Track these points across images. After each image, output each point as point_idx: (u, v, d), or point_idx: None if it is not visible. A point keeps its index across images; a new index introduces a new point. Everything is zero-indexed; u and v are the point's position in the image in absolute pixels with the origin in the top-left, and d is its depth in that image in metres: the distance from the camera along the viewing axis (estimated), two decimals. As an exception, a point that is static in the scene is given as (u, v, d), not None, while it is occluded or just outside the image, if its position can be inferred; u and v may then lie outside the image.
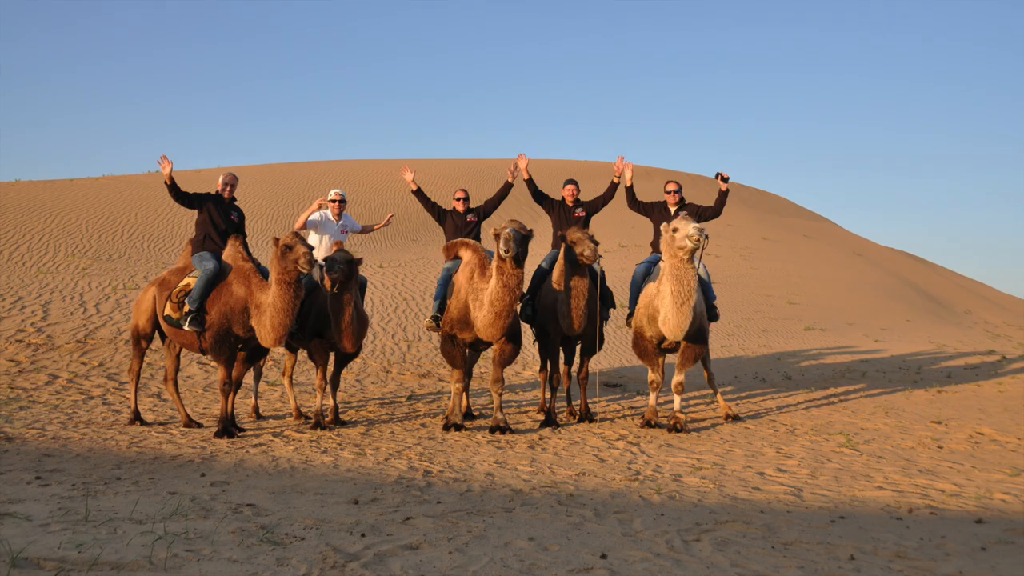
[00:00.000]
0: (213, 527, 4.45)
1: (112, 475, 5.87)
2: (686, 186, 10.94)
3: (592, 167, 45.13)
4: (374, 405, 9.84)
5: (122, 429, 7.83)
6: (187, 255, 8.47)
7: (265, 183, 33.87)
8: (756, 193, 52.11)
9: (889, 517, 5.14)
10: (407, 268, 20.79)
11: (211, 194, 8.59)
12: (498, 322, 7.90)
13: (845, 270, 30.86)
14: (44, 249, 18.92)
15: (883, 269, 33.81)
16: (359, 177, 38.06)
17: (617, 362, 13.99)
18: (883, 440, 7.97)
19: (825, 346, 16.75)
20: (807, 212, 51.89)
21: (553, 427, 8.56)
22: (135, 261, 19.24)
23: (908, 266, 38.27)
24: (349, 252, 8.20)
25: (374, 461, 6.71)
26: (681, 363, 8.48)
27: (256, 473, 6.14)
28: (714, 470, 6.54)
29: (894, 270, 34.69)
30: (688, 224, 7.77)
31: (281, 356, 11.21)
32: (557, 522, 4.86)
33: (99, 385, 9.90)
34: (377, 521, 4.76)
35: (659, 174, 44.36)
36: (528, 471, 6.42)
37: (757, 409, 9.85)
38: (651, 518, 5.00)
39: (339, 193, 9.28)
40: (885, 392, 11.09)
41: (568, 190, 9.46)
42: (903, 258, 41.34)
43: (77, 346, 11.28)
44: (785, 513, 5.21)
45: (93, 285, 14.89)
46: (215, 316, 7.85)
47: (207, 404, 9.51)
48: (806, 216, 49.52)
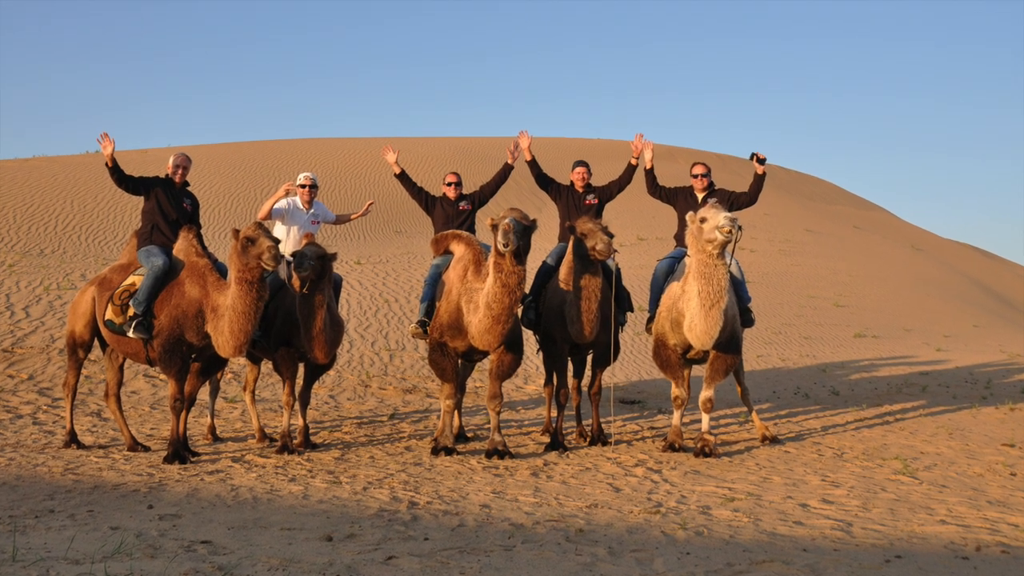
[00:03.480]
0: (162, 568, 4.46)
1: (44, 507, 5.87)
2: (716, 169, 10.92)
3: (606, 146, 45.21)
4: (351, 425, 9.85)
5: (56, 453, 7.83)
6: (132, 249, 8.47)
7: (223, 165, 33.91)
8: (798, 177, 52.16)
9: (954, 556, 5.14)
10: (389, 265, 20.82)
11: (160, 178, 8.58)
12: (495, 328, 7.90)
13: (902, 267, 30.89)
14: (-36, 242, 18.94)
15: (946, 266, 33.85)
16: (333, 158, 38.11)
17: (635, 375, 14.00)
18: (946, 466, 7.97)
19: (878, 356, 16.76)
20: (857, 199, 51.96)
21: (560, 451, 8.56)
22: (71, 256, 19.26)
23: (976, 262, 38.31)
24: (321, 246, 8.19)
25: (351, 491, 6.71)
26: (710, 376, 8.47)
27: (213, 505, 6.14)
28: (749, 501, 6.54)
29: (959, 267, 34.73)
30: (718, 213, 7.76)
31: (242, 368, 11.21)
32: (565, 562, 4.87)
33: (29, 402, 9.91)
34: (354, 561, 4.76)
35: (684, 155, 44.40)
36: (531, 502, 6.42)
37: (799, 430, 9.86)
38: (675, 558, 5.00)
39: (309, 177, 9.28)
40: (948, 410, 11.09)
41: (577, 173, 9.47)
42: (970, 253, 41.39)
43: (3, 356, 11.29)
44: (832, 552, 5.21)
45: (22, 285, 14.90)
46: (164, 321, 7.85)
47: (155, 424, 9.51)
48: (856, 204, 49.59)
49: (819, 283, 25.62)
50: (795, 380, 13.97)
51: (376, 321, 15.20)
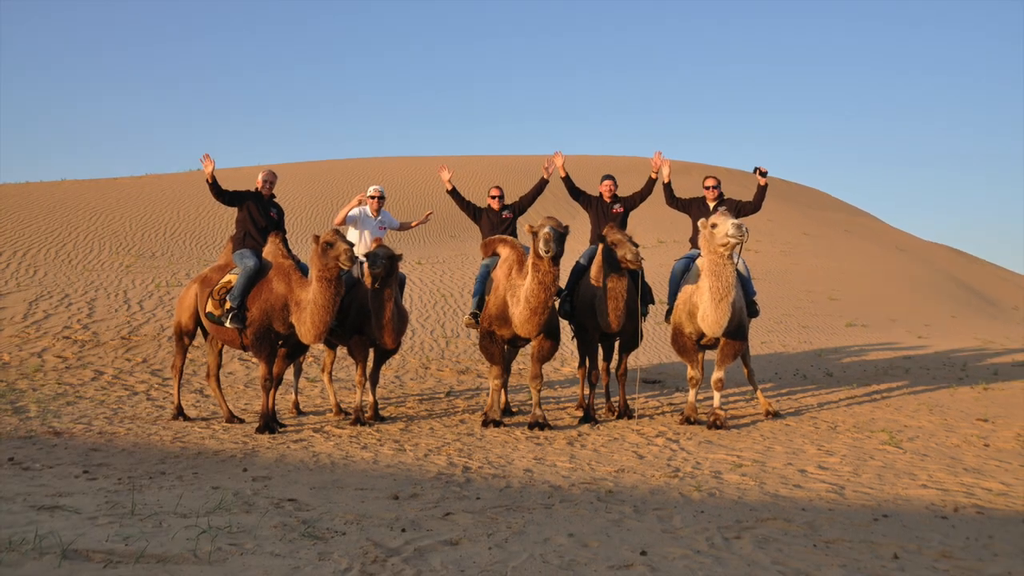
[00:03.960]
0: (256, 521, 4.51)
1: (157, 470, 5.97)
2: (725, 181, 10.83)
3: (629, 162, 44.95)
4: (413, 401, 9.90)
5: (166, 424, 7.96)
6: (228, 252, 8.57)
7: (304, 180, 34.18)
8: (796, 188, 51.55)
9: (934, 516, 5.08)
10: (445, 264, 20.87)
11: (251, 192, 8.68)
12: (533, 319, 7.91)
13: (887, 265, 30.43)
14: (89, 247, 19.27)
15: (927, 264, 33.30)
16: (398, 174, 38.26)
17: (656, 358, 13.93)
18: (927, 438, 7.86)
19: (867, 342, 16.54)
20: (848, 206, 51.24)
21: (592, 423, 8.55)
22: (177, 258, 19.52)
23: (953, 261, 37.65)
24: (390, 248, 8.24)
25: (413, 457, 6.75)
26: (720, 359, 8.43)
27: (297, 468, 6.21)
28: (754, 467, 6.50)
29: (938, 265, 34.15)
30: (727, 220, 7.72)
31: (321, 352, 11.30)
32: (596, 519, 4.87)
33: (143, 381, 10.06)
34: (417, 516, 4.79)
35: (697, 169, 43.98)
36: (567, 467, 6.42)
37: (798, 406, 9.76)
38: (691, 515, 4.99)
39: (378, 189, 9.34)
40: (929, 389, 10.93)
41: (606, 186, 9.45)
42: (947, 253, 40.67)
43: (121, 342, 11.47)
44: (827, 511, 5.16)
45: (137, 282, 15.14)
46: (256, 313, 7.94)
47: (248, 400, 9.62)
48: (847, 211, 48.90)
49: (815, 279, 25.33)
50: (794, 363, 13.83)
51: (434, 313, 15.25)
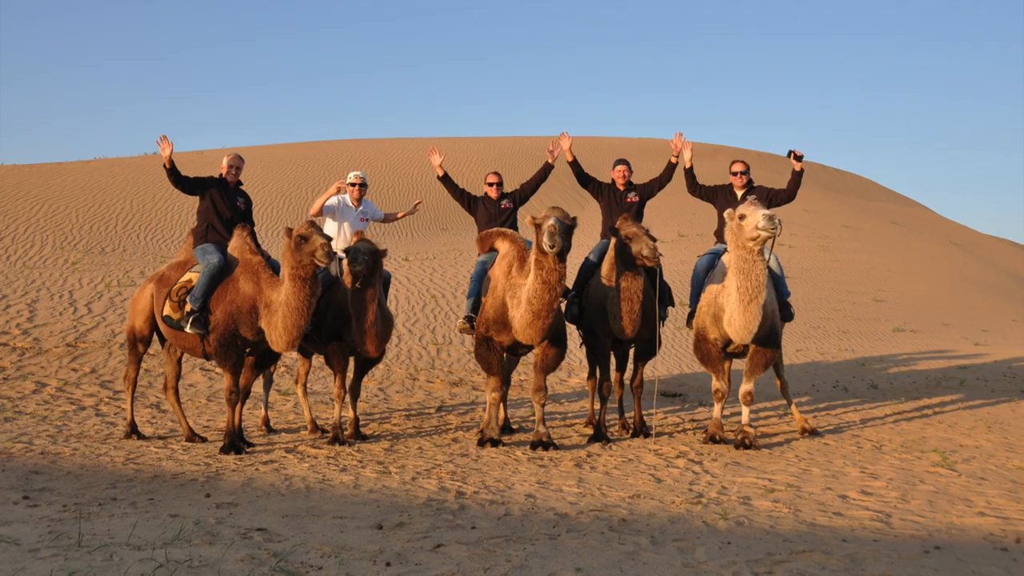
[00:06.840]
0: (220, 554, 4.52)
1: (107, 495, 5.96)
2: (754, 166, 10.84)
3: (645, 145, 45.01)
4: (399, 417, 9.90)
5: (117, 443, 7.95)
6: (188, 248, 8.56)
7: (275, 165, 34.19)
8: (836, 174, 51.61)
9: (992, 548, 5.08)
10: (436, 261, 20.88)
11: (215, 178, 8.67)
12: (536, 323, 7.89)
13: (940, 262, 30.47)
14: (30, 241, 19.26)
15: (985, 261, 33.33)
16: (381, 158, 38.28)
17: (676, 368, 13.94)
18: (985, 459, 7.86)
19: (917, 350, 16.56)
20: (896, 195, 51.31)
21: (603, 442, 8.55)
22: (131, 254, 19.53)
23: (1014, 257, 37.69)
24: (372, 242, 8.21)
25: (400, 481, 6.75)
26: (750, 370, 8.43)
27: (267, 494, 6.21)
28: (788, 492, 6.50)
29: (998, 262, 34.19)
30: (757, 211, 7.70)
31: (294, 362, 11.31)
32: (608, 551, 4.87)
33: (91, 394, 10.06)
34: (404, 548, 4.80)
35: (724, 153, 44.06)
36: (575, 493, 6.42)
37: (838, 423, 9.77)
38: (716, 547, 4.99)
39: (359, 176, 9.33)
40: (987, 404, 10.94)
41: (618, 171, 9.44)
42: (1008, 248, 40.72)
43: (67, 350, 11.48)
44: (871, 542, 5.16)
45: (84, 281, 15.14)
46: (220, 316, 7.94)
47: (211, 416, 9.62)
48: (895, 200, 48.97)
49: (857, 278, 25.35)
50: (834, 374, 13.84)
51: (424, 316, 15.26)
